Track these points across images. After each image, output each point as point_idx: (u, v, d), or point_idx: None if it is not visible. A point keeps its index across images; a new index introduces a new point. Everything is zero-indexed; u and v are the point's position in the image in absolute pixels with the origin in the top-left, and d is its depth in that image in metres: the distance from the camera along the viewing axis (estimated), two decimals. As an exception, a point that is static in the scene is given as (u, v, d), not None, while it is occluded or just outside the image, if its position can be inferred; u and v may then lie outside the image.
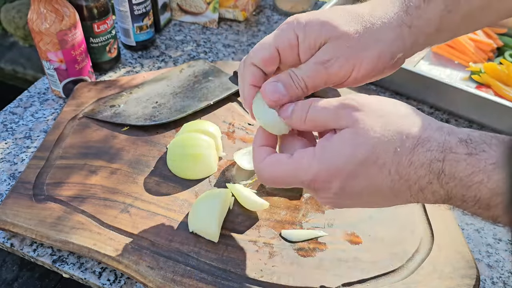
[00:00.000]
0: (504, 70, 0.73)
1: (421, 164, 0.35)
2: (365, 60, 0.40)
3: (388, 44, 0.41)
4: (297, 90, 0.41)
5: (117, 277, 0.51)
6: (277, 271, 0.48)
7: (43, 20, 0.63)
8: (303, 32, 0.41)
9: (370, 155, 0.36)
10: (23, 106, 0.72)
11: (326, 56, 0.40)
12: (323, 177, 0.37)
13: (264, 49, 0.42)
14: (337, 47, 0.40)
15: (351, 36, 0.40)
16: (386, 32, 0.41)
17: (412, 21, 0.41)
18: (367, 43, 0.40)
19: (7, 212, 0.52)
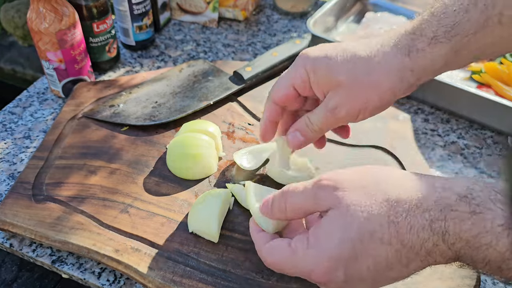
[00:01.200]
0: (505, 70, 0.73)
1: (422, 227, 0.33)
2: (370, 105, 0.43)
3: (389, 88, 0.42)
4: (312, 134, 0.47)
5: (116, 277, 0.51)
6: (277, 272, 0.48)
7: (43, 19, 0.63)
8: (313, 71, 0.44)
9: (364, 232, 0.34)
10: (22, 106, 0.72)
11: (333, 104, 0.44)
12: (324, 268, 0.36)
13: (283, 88, 0.47)
14: (341, 94, 0.44)
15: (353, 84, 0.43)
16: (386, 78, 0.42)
17: (414, 65, 0.42)
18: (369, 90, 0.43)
19: (6, 212, 0.52)
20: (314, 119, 0.46)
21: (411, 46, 0.42)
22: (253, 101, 0.68)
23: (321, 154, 0.61)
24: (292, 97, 0.47)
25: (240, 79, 0.69)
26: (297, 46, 0.75)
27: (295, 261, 0.38)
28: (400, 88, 0.43)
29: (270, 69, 0.71)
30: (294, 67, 0.46)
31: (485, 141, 0.69)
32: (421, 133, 0.70)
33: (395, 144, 0.62)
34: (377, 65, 0.42)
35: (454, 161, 0.66)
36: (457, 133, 0.70)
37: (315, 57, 0.44)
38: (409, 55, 0.42)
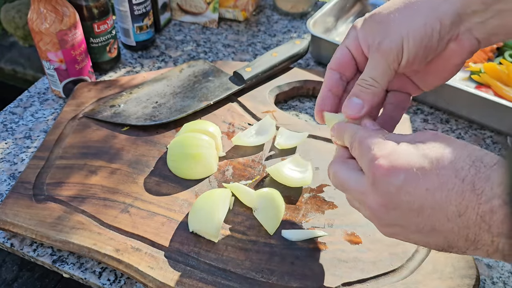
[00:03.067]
0: (504, 70, 0.73)
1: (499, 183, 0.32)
2: (411, 30, 0.39)
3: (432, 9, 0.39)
4: (369, 90, 0.42)
5: (117, 277, 0.51)
6: (277, 271, 0.48)
7: (43, 20, 0.63)
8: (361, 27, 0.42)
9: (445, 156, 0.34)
10: (23, 106, 0.72)
11: (376, 41, 0.40)
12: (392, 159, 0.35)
13: (337, 52, 0.44)
14: (383, 28, 0.40)
15: (393, 14, 0.40)
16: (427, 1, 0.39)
17: None
18: (409, 13, 0.39)
19: (7, 212, 0.52)
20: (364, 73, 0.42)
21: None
22: (253, 101, 0.69)
23: (321, 154, 0.61)
24: (348, 60, 0.44)
25: (240, 79, 0.70)
26: (297, 46, 0.75)
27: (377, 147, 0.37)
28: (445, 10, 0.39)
29: (270, 69, 0.71)
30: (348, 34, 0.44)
31: (484, 141, 0.69)
32: (421, 133, 0.70)
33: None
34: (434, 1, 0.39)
35: (453, 161, 0.66)
36: (457, 133, 0.70)
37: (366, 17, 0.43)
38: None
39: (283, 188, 0.56)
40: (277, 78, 0.73)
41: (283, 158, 0.60)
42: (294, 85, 0.73)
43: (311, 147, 0.62)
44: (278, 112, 0.67)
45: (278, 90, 0.72)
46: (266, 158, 0.60)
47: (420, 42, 0.39)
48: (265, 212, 0.52)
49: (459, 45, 0.40)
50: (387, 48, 0.40)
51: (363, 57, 0.44)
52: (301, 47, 0.75)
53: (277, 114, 0.67)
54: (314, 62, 0.82)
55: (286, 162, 0.57)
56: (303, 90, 0.74)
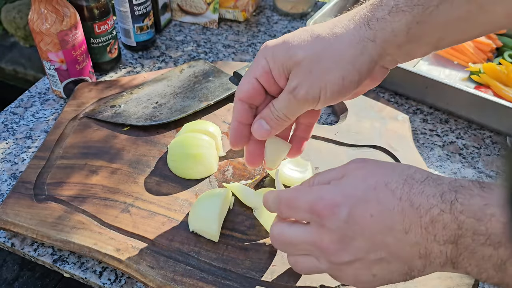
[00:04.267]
0: (503, 70, 0.73)
1: (433, 194, 0.35)
2: (329, 83, 0.40)
3: (350, 62, 0.39)
4: (279, 122, 0.43)
5: (117, 276, 0.51)
6: (277, 271, 0.48)
7: (44, 20, 0.63)
8: (272, 59, 0.41)
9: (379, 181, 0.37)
10: (23, 106, 0.72)
11: (292, 84, 0.41)
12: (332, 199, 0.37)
13: (246, 83, 0.43)
14: (301, 73, 0.40)
15: (311, 60, 0.40)
16: (346, 51, 0.39)
17: (375, 34, 0.39)
18: (328, 65, 0.39)
19: (8, 212, 0.53)
20: (277, 104, 0.42)
21: (371, 16, 0.39)
22: (253, 102, 0.69)
23: (321, 154, 0.61)
24: (257, 92, 0.43)
25: (240, 79, 0.70)
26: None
27: (308, 192, 0.39)
28: (362, 62, 0.39)
29: (270, 69, 0.71)
30: (256, 59, 0.43)
31: (484, 141, 0.69)
32: (420, 133, 0.70)
33: (394, 144, 0.62)
34: (335, 38, 0.39)
35: (452, 161, 0.66)
36: (456, 133, 0.70)
37: (274, 45, 0.42)
38: (369, 25, 0.39)
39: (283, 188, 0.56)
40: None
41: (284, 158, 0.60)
42: (294, 85, 0.73)
43: (311, 147, 0.62)
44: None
45: (278, 90, 0.72)
46: None
47: (337, 93, 0.40)
48: (265, 212, 0.52)
49: (372, 79, 0.43)
50: (303, 97, 0.40)
51: (274, 86, 0.43)
52: (301, 48, 0.75)
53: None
54: (314, 63, 0.82)
55: (286, 162, 0.57)
56: (303, 90, 0.74)
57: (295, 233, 0.40)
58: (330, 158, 0.60)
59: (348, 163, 0.41)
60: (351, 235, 0.37)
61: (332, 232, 0.37)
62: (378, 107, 0.69)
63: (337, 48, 0.39)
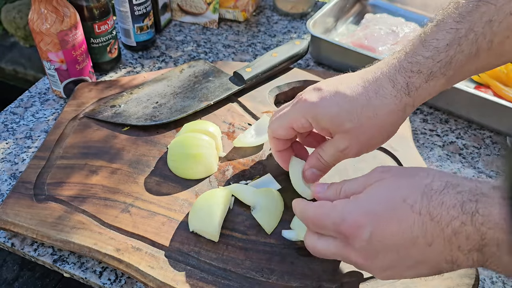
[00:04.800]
0: (503, 70, 0.73)
1: (453, 205, 0.35)
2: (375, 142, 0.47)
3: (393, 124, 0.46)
4: (326, 169, 0.50)
5: (117, 276, 0.51)
6: (277, 271, 0.48)
7: (44, 20, 0.63)
8: (315, 121, 0.47)
9: (396, 197, 0.37)
10: (23, 106, 0.72)
11: (343, 147, 0.46)
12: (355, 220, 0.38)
13: (282, 130, 0.50)
14: (351, 140, 0.46)
15: (360, 131, 0.45)
16: (389, 119, 0.45)
17: (414, 101, 0.44)
18: (374, 134, 0.45)
19: (8, 212, 0.53)
20: (326, 157, 0.48)
21: (409, 85, 0.44)
22: (253, 102, 0.69)
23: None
24: (291, 136, 0.51)
25: (240, 79, 0.70)
26: (297, 47, 0.75)
27: (332, 211, 0.40)
28: (402, 121, 0.46)
29: (270, 69, 0.71)
30: (294, 114, 0.48)
31: (484, 141, 0.69)
32: (420, 133, 0.70)
33: (394, 144, 0.62)
34: (379, 109, 0.44)
35: (452, 161, 0.66)
36: (456, 133, 0.70)
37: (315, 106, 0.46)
38: (409, 94, 0.44)
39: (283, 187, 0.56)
40: (277, 79, 0.73)
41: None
42: (294, 86, 0.73)
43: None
44: (278, 112, 0.67)
45: (278, 90, 0.72)
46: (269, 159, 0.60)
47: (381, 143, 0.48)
48: (262, 211, 0.52)
49: None
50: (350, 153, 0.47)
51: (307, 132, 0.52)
52: (301, 48, 0.75)
53: (277, 114, 0.67)
54: (314, 63, 0.82)
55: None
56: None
57: (326, 247, 0.42)
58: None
59: (371, 172, 0.42)
60: (375, 252, 0.38)
61: (357, 251, 0.39)
62: (378, 107, 0.69)
63: (382, 118, 0.44)
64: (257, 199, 0.53)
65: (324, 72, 0.76)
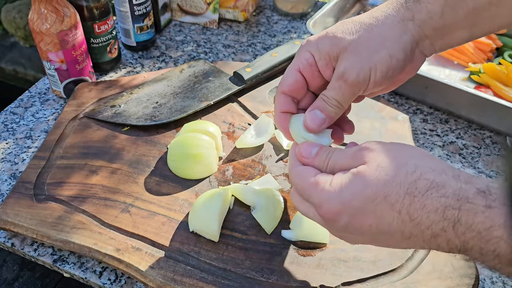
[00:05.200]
0: (503, 70, 0.73)
1: (435, 209, 0.34)
2: (378, 63, 0.41)
3: (396, 41, 0.41)
4: (333, 109, 0.44)
5: (117, 276, 0.51)
6: (277, 271, 0.48)
7: (44, 20, 0.63)
8: (317, 50, 0.43)
9: (379, 192, 0.36)
10: (23, 106, 0.72)
11: (341, 69, 0.42)
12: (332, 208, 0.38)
13: (289, 76, 0.45)
14: (349, 57, 0.42)
15: (358, 43, 0.41)
16: (390, 31, 0.41)
17: (413, 14, 0.41)
18: (375, 45, 0.41)
19: (8, 212, 0.53)
20: (329, 93, 0.43)
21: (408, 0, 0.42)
22: (253, 102, 0.69)
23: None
24: (300, 85, 0.45)
25: (240, 79, 0.70)
26: (297, 47, 0.75)
27: (312, 191, 0.39)
28: (406, 41, 0.41)
29: (270, 69, 0.71)
30: (298, 54, 0.45)
31: (484, 141, 0.69)
32: (420, 133, 0.70)
33: (394, 144, 0.62)
34: (377, 21, 0.42)
35: (452, 161, 0.66)
36: (456, 133, 0.70)
37: (318, 38, 0.44)
38: (406, 7, 0.42)
39: (283, 187, 0.56)
40: (277, 79, 0.73)
41: (286, 160, 0.60)
42: (294, 85, 0.73)
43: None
44: (278, 112, 0.67)
45: (278, 90, 0.72)
46: (276, 160, 0.60)
47: (386, 72, 0.42)
48: (262, 211, 0.52)
49: (413, 65, 0.44)
50: (354, 80, 0.41)
51: (318, 79, 0.45)
52: (301, 48, 0.75)
53: (277, 114, 0.67)
54: (314, 63, 0.82)
55: None
56: (303, 90, 0.74)
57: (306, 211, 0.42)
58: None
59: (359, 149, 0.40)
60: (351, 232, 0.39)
61: (335, 231, 0.40)
62: (378, 107, 0.69)
63: (381, 30, 0.41)
64: (257, 199, 0.53)
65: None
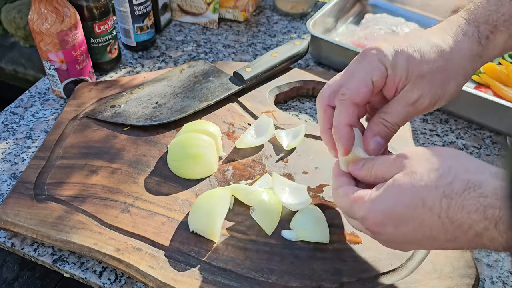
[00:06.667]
0: (503, 70, 0.73)
1: (475, 210, 0.34)
2: (447, 92, 0.44)
3: (466, 76, 0.45)
4: (391, 133, 0.46)
5: (117, 276, 0.51)
6: (277, 271, 0.48)
7: (44, 20, 0.63)
8: (392, 66, 0.43)
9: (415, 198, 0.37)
10: (24, 106, 0.72)
11: (414, 96, 0.43)
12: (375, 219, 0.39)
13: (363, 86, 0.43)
14: (425, 86, 0.43)
15: (435, 72, 0.43)
16: (464, 65, 0.44)
17: (484, 51, 0.44)
18: (448, 76, 0.44)
19: (8, 212, 0.53)
20: (392, 118, 0.44)
21: (480, 34, 0.44)
22: (253, 102, 0.69)
23: (321, 154, 0.61)
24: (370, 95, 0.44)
25: (240, 79, 0.70)
26: (297, 47, 0.75)
27: (355, 208, 0.41)
28: (471, 73, 0.45)
29: (270, 69, 0.71)
30: (369, 62, 0.43)
31: (484, 141, 0.69)
32: (420, 133, 0.70)
33: (394, 144, 0.62)
34: (455, 54, 0.44)
35: (453, 161, 0.66)
36: (456, 133, 0.70)
37: (393, 51, 0.43)
38: (480, 43, 0.44)
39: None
40: (277, 79, 0.73)
41: (286, 160, 0.60)
42: (294, 85, 0.73)
43: (311, 147, 0.62)
44: (278, 112, 0.67)
45: (278, 90, 0.72)
46: (276, 160, 0.60)
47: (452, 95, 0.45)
48: (262, 213, 0.52)
49: None
50: (425, 107, 0.44)
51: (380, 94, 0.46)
52: (301, 48, 0.75)
53: (277, 114, 0.67)
54: (314, 63, 0.82)
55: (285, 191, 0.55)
56: (303, 90, 0.74)
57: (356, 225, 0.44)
58: (330, 158, 0.60)
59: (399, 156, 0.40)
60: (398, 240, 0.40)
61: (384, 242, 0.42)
62: (378, 107, 0.69)
63: (458, 63, 0.44)
64: (257, 199, 0.52)
65: (324, 72, 0.76)
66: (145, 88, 0.70)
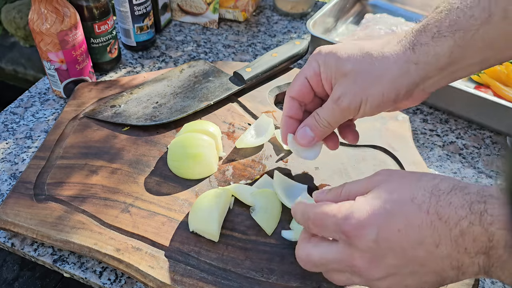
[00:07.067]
0: (503, 70, 0.73)
1: (461, 205, 0.34)
2: (370, 97, 0.44)
3: (391, 81, 0.43)
4: (322, 130, 0.48)
5: (117, 276, 0.51)
6: (277, 271, 0.48)
7: (44, 20, 0.63)
8: (323, 64, 0.46)
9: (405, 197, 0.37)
10: (24, 106, 0.72)
11: (337, 94, 0.45)
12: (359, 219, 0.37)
13: (297, 82, 0.49)
14: (346, 84, 0.44)
15: (357, 73, 0.44)
16: (390, 69, 0.43)
17: (417, 58, 0.42)
18: (371, 80, 0.43)
19: (8, 212, 0.53)
20: (322, 113, 0.47)
21: (415, 41, 0.43)
22: (253, 102, 0.69)
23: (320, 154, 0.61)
24: (307, 90, 0.48)
25: (240, 79, 0.70)
26: (297, 47, 0.75)
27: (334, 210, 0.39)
28: (402, 83, 0.43)
29: (270, 69, 0.71)
30: (308, 62, 0.48)
31: (484, 141, 0.69)
32: (420, 133, 0.70)
33: (394, 144, 0.62)
34: (382, 57, 0.43)
35: (452, 161, 0.66)
36: (456, 133, 0.70)
37: (327, 52, 0.46)
38: (413, 49, 0.43)
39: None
40: (277, 79, 0.73)
41: (286, 160, 0.60)
42: (294, 86, 0.73)
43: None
44: (278, 112, 0.67)
45: (278, 90, 0.72)
46: (276, 160, 0.60)
47: (376, 107, 0.45)
48: (262, 213, 0.52)
49: (411, 100, 0.46)
50: (345, 106, 0.45)
51: (321, 88, 0.48)
52: (301, 48, 0.75)
53: (277, 114, 0.67)
54: (314, 63, 0.82)
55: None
56: (303, 90, 0.74)
57: (323, 253, 0.40)
58: (330, 158, 0.60)
59: (374, 175, 0.41)
60: (381, 254, 0.37)
61: (362, 252, 0.37)
62: (378, 107, 0.69)
63: (382, 66, 0.43)
64: (257, 199, 0.53)
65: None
66: (145, 88, 0.70)
